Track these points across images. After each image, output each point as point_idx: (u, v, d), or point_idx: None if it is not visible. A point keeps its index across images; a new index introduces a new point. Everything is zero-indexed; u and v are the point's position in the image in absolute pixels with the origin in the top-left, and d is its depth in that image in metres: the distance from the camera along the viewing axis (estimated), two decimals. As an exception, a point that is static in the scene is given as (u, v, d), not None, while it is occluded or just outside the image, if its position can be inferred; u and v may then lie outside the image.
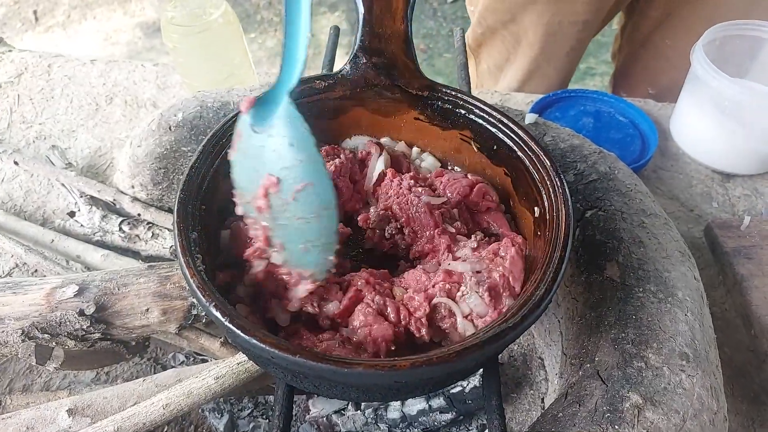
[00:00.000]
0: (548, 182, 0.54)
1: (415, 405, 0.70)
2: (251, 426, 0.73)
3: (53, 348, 0.66)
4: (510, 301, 0.51)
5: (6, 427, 0.60)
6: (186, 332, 0.70)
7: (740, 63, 0.96)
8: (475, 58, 1.36)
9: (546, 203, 0.54)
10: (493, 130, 0.60)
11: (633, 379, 0.50)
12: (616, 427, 0.47)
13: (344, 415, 0.72)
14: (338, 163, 0.61)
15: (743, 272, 0.76)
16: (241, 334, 0.42)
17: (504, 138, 0.60)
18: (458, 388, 0.69)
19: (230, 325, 0.43)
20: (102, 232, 0.87)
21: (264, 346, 0.42)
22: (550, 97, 1.03)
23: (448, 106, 0.63)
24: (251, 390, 0.70)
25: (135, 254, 0.86)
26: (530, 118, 0.81)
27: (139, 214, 0.86)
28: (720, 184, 0.95)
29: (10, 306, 0.65)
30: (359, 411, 0.72)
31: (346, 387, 0.48)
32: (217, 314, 0.44)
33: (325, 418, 0.72)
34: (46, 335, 0.63)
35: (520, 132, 0.58)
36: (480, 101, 0.61)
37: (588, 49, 1.27)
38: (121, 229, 0.85)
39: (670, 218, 0.67)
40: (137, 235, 0.85)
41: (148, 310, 0.65)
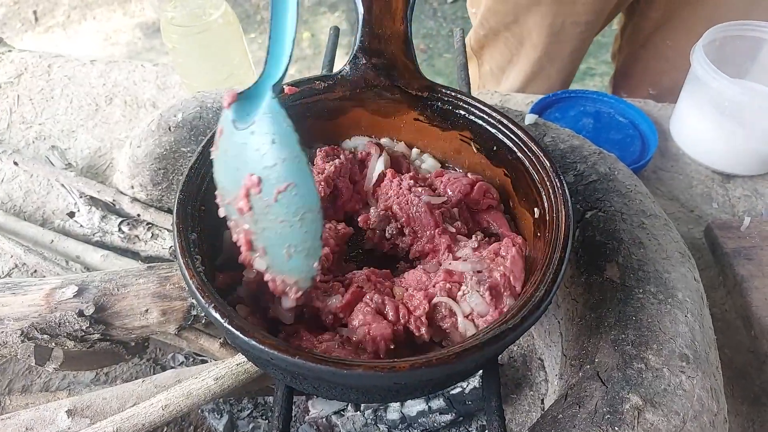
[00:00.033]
0: (548, 183, 0.54)
1: (414, 406, 0.70)
2: (251, 427, 0.73)
3: (52, 349, 0.66)
4: (511, 300, 0.51)
5: (5, 427, 0.60)
6: (185, 333, 0.70)
7: (740, 63, 0.96)
8: (477, 59, 1.36)
9: (546, 204, 0.54)
10: (493, 131, 0.60)
11: (633, 380, 0.50)
12: (616, 428, 0.47)
13: (344, 416, 0.72)
14: (338, 163, 0.61)
15: (743, 273, 0.76)
16: (240, 335, 0.42)
17: (504, 139, 0.60)
18: (458, 389, 0.69)
19: (229, 327, 0.43)
20: (101, 233, 0.87)
21: (263, 347, 0.42)
22: (550, 97, 1.03)
23: (447, 107, 0.63)
24: (251, 391, 0.70)
25: (134, 255, 0.86)
26: (530, 118, 0.81)
27: (139, 215, 0.86)
28: (720, 184, 0.95)
29: (9, 307, 0.65)
30: (359, 412, 0.72)
31: (345, 388, 0.48)
32: (216, 315, 0.44)
33: (324, 419, 0.72)
34: (45, 336, 0.63)
35: (519, 133, 0.58)
36: (480, 102, 0.61)
37: (588, 50, 1.27)
38: (120, 229, 0.85)
39: (670, 219, 0.67)
40: (137, 236, 0.85)
41: (147, 310, 0.65)
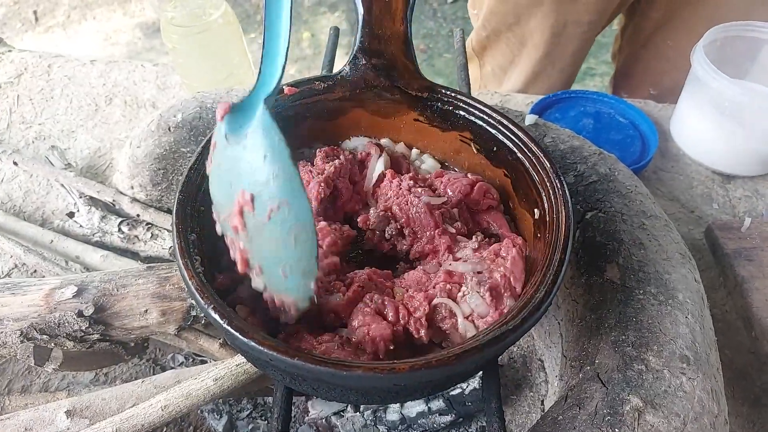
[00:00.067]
0: (548, 184, 0.54)
1: (414, 407, 0.70)
2: (250, 427, 0.73)
3: (52, 349, 0.66)
4: (511, 301, 0.51)
5: (4, 428, 0.60)
6: (185, 333, 0.70)
7: (741, 64, 0.96)
8: (479, 60, 1.36)
9: (546, 205, 0.54)
10: (493, 131, 0.60)
11: (633, 381, 0.50)
12: (616, 430, 0.47)
13: (343, 416, 0.72)
14: (338, 164, 0.61)
15: (744, 274, 0.76)
16: (240, 336, 0.42)
17: (504, 139, 0.59)
18: (458, 390, 0.69)
19: (228, 328, 0.43)
20: (101, 233, 0.87)
21: (262, 348, 0.41)
22: (550, 98, 1.03)
23: (447, 108, 0.63)
24: (250, 391, 0.70)
25: (134, 255, 0.86)
26: (530, 119, 0.81)
27: (139, 215, 0.86)
28: (720, 185, 0.95)
29: (8, 307, 0.65)
30: (358, 413, 0.72)
31: (344, 389, 0.48)
32: (216, 316, 0.44)
33: (324, 420, 0.72)
34: (44, 336, 0.63)
35: (520, 133, 0.58)
36: (480, 102, 0.61)
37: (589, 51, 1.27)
38: (120, 229, 0.85)
39: (670, 220, 0.67)
40: (136, 236, 0.85)
41: (147, 311, 0.65)
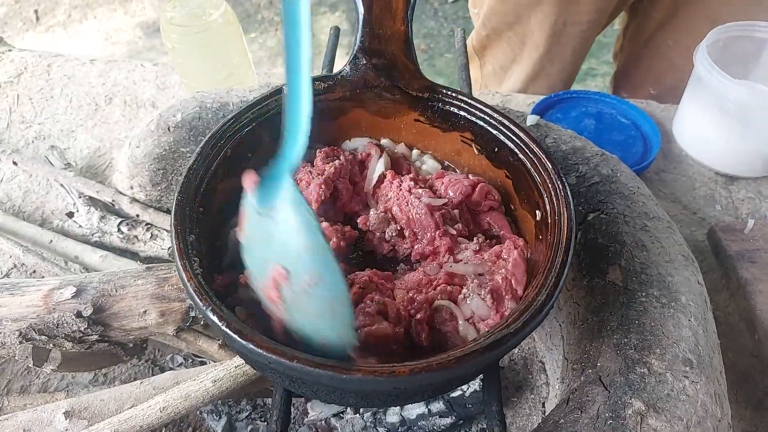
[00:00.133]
0: (550, 185, 0.54)
1: (414, 409, 0.69)
2: (249, 428, 0.73)
3: (50, 350, 0.66)
4: (512, 304, 0.50)
5: (3, 429, 0.60)
6: (184, 334, 0.69)
7: (743, 64, 0.96)
8: (479, 59, 1.36)
9: (548, 206, 0.54)
10: (495, 132, 0.60)
11: (636, 385, 0.49)
12: (618, 434, 0.46)
13: (343, 418, 0.71)
14: (338, 164, 0.61)
15: (747, 276, 0.75)
16: (238, 338, 0.42)
17: (505, 140, 0.59)
18: (458, 393, 0.69)
19: (227, 330, 0.42)
20: (100, 233, 0.87)
21: (261, 351, 0.41)
22: (552, 98, 1.03)
23: (448, 108, 0.62)
24: (249, 392, 0.70)
25: (133, 255, 0.85)
26: (532, 119, 0.81)
27: (138, 215, 0.86)
28: (723, 186, 0.94)
29: (7, 307, 0.64)
30: (358, 415, 0.71)
31: (344, 392, 0.47)
32: (214, 318, 0.43)
33: (323, 422, 0.72)
34: (43, 337, 0.63)
35: (521, 134, 0.58)
36: (481, 103, 0.61)
37: (589, 50, 1.27)
38: (119, 230, 0.85)
39: (673, 221, 0.67)
40: (136, 236, 0.84)
41: (145, 311, 0.65)
